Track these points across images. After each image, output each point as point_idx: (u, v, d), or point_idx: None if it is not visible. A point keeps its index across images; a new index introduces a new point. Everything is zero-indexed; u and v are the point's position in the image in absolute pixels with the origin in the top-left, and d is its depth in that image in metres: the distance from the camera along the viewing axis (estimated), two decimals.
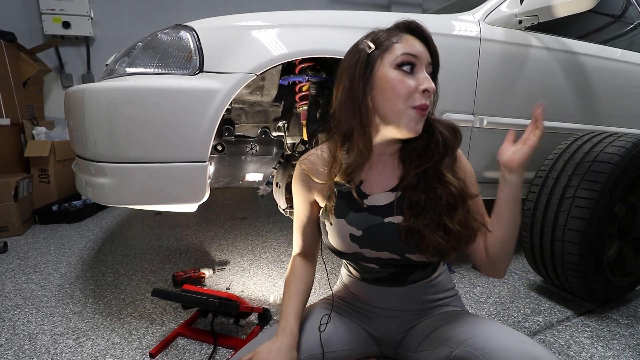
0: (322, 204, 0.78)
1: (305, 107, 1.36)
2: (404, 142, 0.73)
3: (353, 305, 0.83)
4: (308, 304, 0.82)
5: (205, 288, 1.44)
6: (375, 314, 0.80)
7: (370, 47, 0.67)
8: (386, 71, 0.66)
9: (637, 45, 1.99)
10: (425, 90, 0.65)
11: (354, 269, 0.82)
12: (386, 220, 0.71)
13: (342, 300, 0.85)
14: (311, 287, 0.82)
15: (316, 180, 0.76)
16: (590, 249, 1.25)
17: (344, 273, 0.87)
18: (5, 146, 2.52)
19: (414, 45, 0.67)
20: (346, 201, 0.74)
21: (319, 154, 0.78)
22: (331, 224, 0.75)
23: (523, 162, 0.69)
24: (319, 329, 0.74)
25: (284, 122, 1.50)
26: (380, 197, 0.73)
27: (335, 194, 0.75)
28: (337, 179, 0.73)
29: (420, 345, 0.72)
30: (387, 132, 0.69)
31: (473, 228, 0.71)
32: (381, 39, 0.68)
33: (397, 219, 0.70)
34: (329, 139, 0.77)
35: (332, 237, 0.75)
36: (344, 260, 0.86)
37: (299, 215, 0.82)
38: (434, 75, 0.71)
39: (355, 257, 0.76)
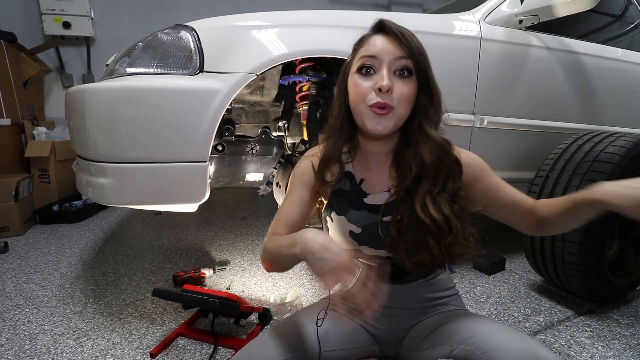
0: (325, 200, 0.79)
1: (305, 107, 1.36)
2: (397, 145, 0.73)
3: (353, 303, 0.83)
4: (307, 304, 0.82)
5: (205, 288, 1.44)
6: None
7: (349, 57, 0.73)
8: (351, 77, 0.70)
9: (638, 45, 1.98)
10: (380, 89, 0.64)
11: None
12: (384, 219, 0.71)
13: (341, 299, 0.85)
14: None
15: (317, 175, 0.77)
16: (591, 248, 1.25)
17: None
18: (6, 146, 2.52)
19: (374, 45, 0.67)
20: (347, 199, 0.75)
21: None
22: (332, 220, 0.76)
23: None
24: (316, 324, 0.74)
25: (284, 122, 1.51)
26: (379, 196, 0.74)
27: (331, 193, 0.76)
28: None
29: (421, 345, 0.72)
30: (363, 131, 0.72)
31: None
32: (354, 46, 0.72)
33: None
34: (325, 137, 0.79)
35: (332, 233, 0.77)
36: None
37: (289, 205, 0.79)
38: (420, 67, 0.66)
39: (355, 254, 0.77)
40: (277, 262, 0.69)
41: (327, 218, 0.77)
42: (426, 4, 4.15)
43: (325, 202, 0.79)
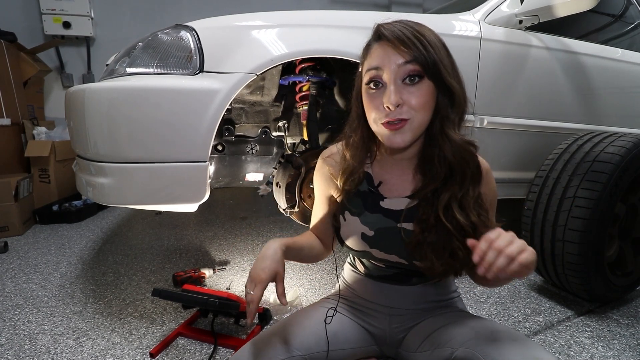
0: (338, 199, 0.78)
1: (305, 107, 1.36)
2: (422, 148, 0.70)
3: (354, 303, 0.83)
4: (307, 304, 0.82)
5: (205, 288, 1.44)
6: (377, 311, 0.80)
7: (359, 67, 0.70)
8: (363, 90, 0.67)
9: (638, 45, 1.98)
10: (388, 107, 0.61)
11: (360, 263, 0.83)
12: (399, 225, 0.70)
13: (343, 298, 0.85)
14: (315, 252, 0.82)
15: (337, 182, 0.76)
16: (591, 249, 1.25)
17: (348, 269, 0.87)
18: (6, 146, 2.52)
19: (377, 56, 0.63)
20: (363, 200, 0.74)
21: (341, 150, 0.78)
22: (345, 219, 0.75)
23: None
24: (325, 321, 0.74)
25: (284, 122, 1.51)
26: (396, 201, 0.72)
27: (350, 192, 0.75)
28: (339, 182, 0.75)
29: (421, 346, 0.72)
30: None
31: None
32: (361, 57, 0.70)
33: (410, 226, 0.70)
34: (344, 140, 0.77)
35: (344, 232, 0.76)
36: (350, 255, 0.86)
37: (316, 207, 0.84)
38: (429, 69, 0.61)
39: (364, 255, 0.77)
40: None
41: (340, 217, 0.76)
42: (426, 4, 4.14)
43: (339, 200, 0.78)
